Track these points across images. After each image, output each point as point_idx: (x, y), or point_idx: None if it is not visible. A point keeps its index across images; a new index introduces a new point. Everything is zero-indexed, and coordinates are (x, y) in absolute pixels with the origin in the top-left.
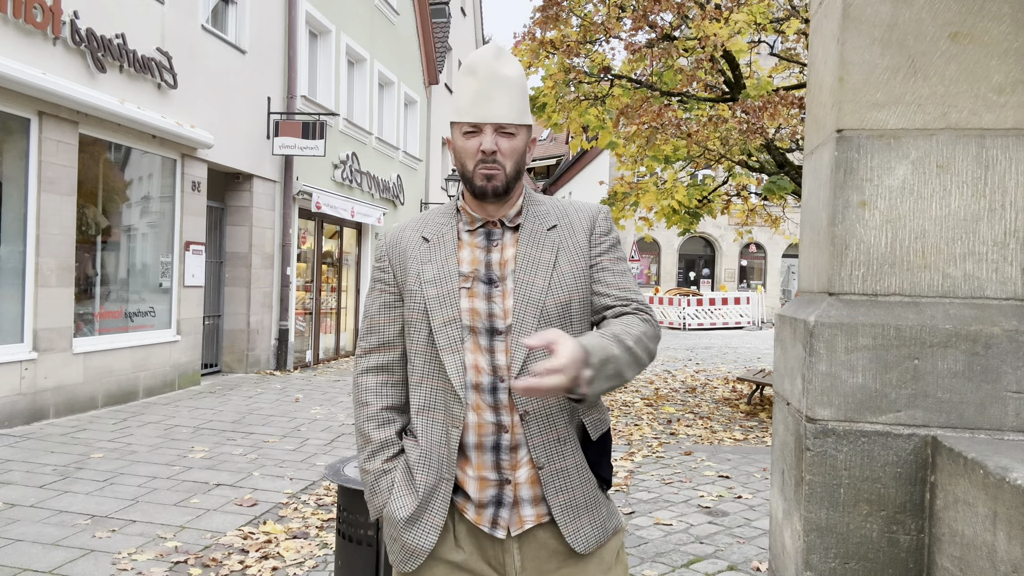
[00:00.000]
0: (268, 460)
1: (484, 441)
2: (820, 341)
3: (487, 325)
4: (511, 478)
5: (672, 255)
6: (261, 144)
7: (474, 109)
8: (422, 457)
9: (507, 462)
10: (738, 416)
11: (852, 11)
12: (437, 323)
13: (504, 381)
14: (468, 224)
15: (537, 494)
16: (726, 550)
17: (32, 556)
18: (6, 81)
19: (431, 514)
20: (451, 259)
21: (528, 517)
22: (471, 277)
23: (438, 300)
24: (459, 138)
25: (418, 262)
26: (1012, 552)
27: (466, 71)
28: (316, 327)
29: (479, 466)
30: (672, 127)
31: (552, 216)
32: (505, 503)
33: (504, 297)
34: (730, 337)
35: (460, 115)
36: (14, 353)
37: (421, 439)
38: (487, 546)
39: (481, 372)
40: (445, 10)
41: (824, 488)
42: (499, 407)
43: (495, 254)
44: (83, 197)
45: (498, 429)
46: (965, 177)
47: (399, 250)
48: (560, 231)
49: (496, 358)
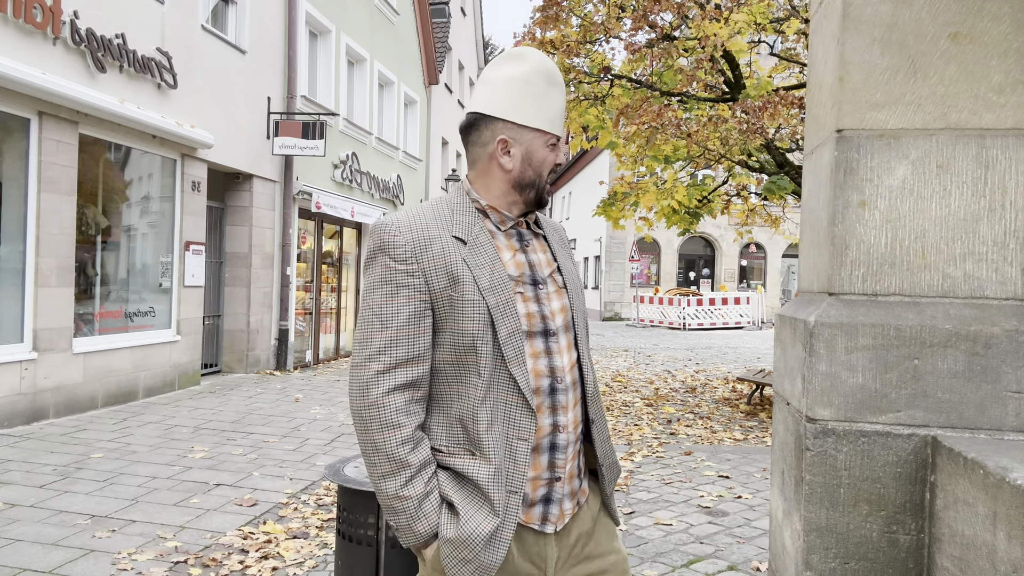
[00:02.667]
0: (268, 460)
1: (542, 443)
2: (820, 341)
3: (541, 327)
4: (561, 475)
5: (672, 255)
6: (261, 144)
7: (560, 122)
8: (496, 474)
9: (560, 460)
10: (738, 416)
11: (852, 11)
12: (504, 334)
13: (561, 382)
14: (499, 224)
15: (574, 488)
16: (726, 550)
17: (32, 556)
18: (6, 81)
19: (505, 530)
20: (497, 263)
21: (568, 510)
22: (520, 280)
23: (500, 309)
24: (541, 148)
25: (467, 267)
26: (1012, 552)
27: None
28: (316, 327)
29: (535, 467)
30: (672, 127)
31: (550, 227)
32: (554, 499)
33: (549, 298)
34: (730, 337)
35: (552, 126)
36: (14, 353)
37: (493, 457)
38: (530, 543)
39: (540, 376)
40: (445, 10)
41: (824, 488)
42: (556, 408)
43: (533, 255)
44: (83, 197)
45: (554, 429)
46: (965, 177)
47: (433, 251)
48: (565, 245)
49: (553, 360)
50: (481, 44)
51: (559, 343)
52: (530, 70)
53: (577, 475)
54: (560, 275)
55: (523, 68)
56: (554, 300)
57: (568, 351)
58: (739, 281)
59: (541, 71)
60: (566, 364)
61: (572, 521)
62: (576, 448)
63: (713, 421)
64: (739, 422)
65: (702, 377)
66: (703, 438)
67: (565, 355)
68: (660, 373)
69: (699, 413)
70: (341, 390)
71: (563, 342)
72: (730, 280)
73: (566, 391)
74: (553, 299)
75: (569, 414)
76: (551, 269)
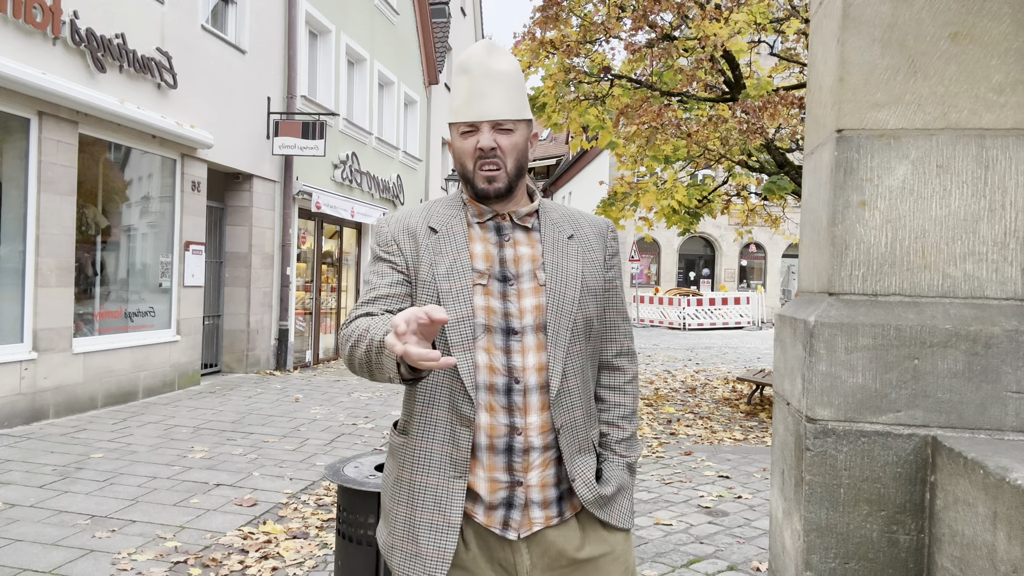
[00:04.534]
0: (268, 460)
1: (496, 443)
2: (820, 341)
3: (503, 324)
4: (523, 480)
5: (672, 255)
6: (261, 144)
7: (469, 107)
8: (422, 457)
9: (519, 464)
10: (738, 416)
11: (852, 11)
12: (451, 319)
13: (519, 383)
14: (477, 216)
15: (548, 497)
16: (726, 550)
17: (32, 556)
18: (6, 81)
19: (448, 515)
20: (463, 253)
21: (537, 519)
22: (486, 274)
23: (452, 295)
24: (457, 139)
25: (431, 252)
26: (1012, 552)
27: (459, 70)
28: (316, 327)
29: (491, 467)
30: (672, 127)
31: (566, 224)
32: (516, 505)
33: (520, 296)
34: (730, 337)
35: (456, 115)
36: (14, 353)
37: (421, 438)
38: (496, 548)
39: (496, 372)
40: (445, 10)
41: (824, 488)
42: (513, 409)
43: (508, 250)
44: (83, 197)
45: (511, 431)
46: (965, 177)
47: (409, 234)
48: (578, 242)
49: (512, 359)
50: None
51: (523, 342)
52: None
53: (554, 484)
54: (544, 272)
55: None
56: (526, 297)
57: (535, 352)
58: (739, 281)
59: (457, 66)
60: (530, 365)
61: (553, 531)
62: (549, 456)
63: (713, 421)
64: (739, 422)
65: (702, 377)
66: (703, 438)
67: (530, 356)
68: (660, 373)
69: (699, 413)
70: (341, 390)
71: (529, 342)
72: (730, 280)
73: (525, 393)
74: (525, 296)
75: (531, 418)
76: (533, 265)
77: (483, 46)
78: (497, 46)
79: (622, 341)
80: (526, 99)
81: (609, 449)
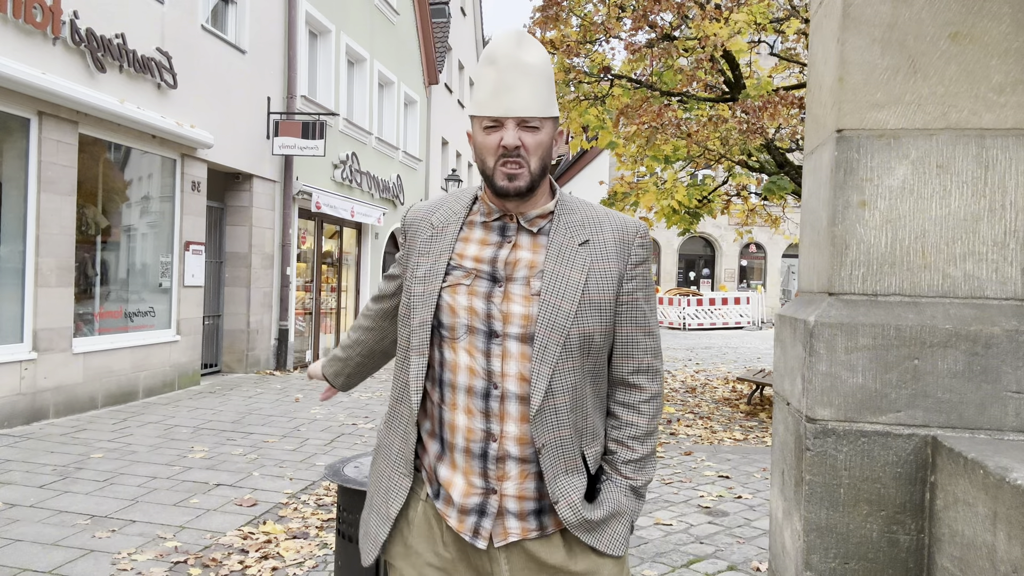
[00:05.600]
0: (268, 460)
1: (472, 447)
2: (820, 341)
3: (485, 326)
4: (497, 488)
5: (672, 255)
6: (261, 144)
7: (495, 101)
8: (384, 448)
9: (494, 472)
10: (738, 416)
11: (852, 11)
12: (415, 322)
13: (498, 388)
14: (485, 215)
15: (525, 509)
16: (726, 550)
17: (32, 556)
18: (6, 81)
19: (389, 504)
20: (445, 255)
21: (513, 529)
22: (472, 273)
23: (420, 298)
24: (479, 133)
25: (417, 254)
26: (1012, 552)
27: (486, 60)
28: (316, 327)
29: (466, 471)
30: (672, 127)
31: (585, 228)
32: (489, 513)
33: (507, 300)
34: (730, 337)
35: (480, 108)
36: (14, 353)
37: (388, 430)
38: (472, 554)
39: (475, 375)
40: (445, 10)
41: (824, 488)
42: (490, 414)
43: (504, 251)
44: (83, 197)
45: (487, 436)
46: (965, 177)
47: (415, 230)
48: (592, 248)
49: (492, 363)
50: (481, 44)
51: (504, 347)
52: (483, 58)
53: (535, 498)
54: (539, 281)
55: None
56: (514, 304)
57: (518, 360)
58: (739, 281)
59: (484, 55)
60: (511, 372)
61: (534, 544)
62: (528, 468)
63: (713, 421)
64: (739, 422)
65: (702, 377)
66: (703, 438)
67: (512, 363)
68: None
69: (699, 413)
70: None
71: (512, 348)
72: (730, 280)
73: (503, 400)
74: (514, 302)
75: (508, 426)
76: (529, 272)
77: (513, 35)
78: (527, 36)
79: (641, 358)
80: (554, 95)
81: (614, 469)
